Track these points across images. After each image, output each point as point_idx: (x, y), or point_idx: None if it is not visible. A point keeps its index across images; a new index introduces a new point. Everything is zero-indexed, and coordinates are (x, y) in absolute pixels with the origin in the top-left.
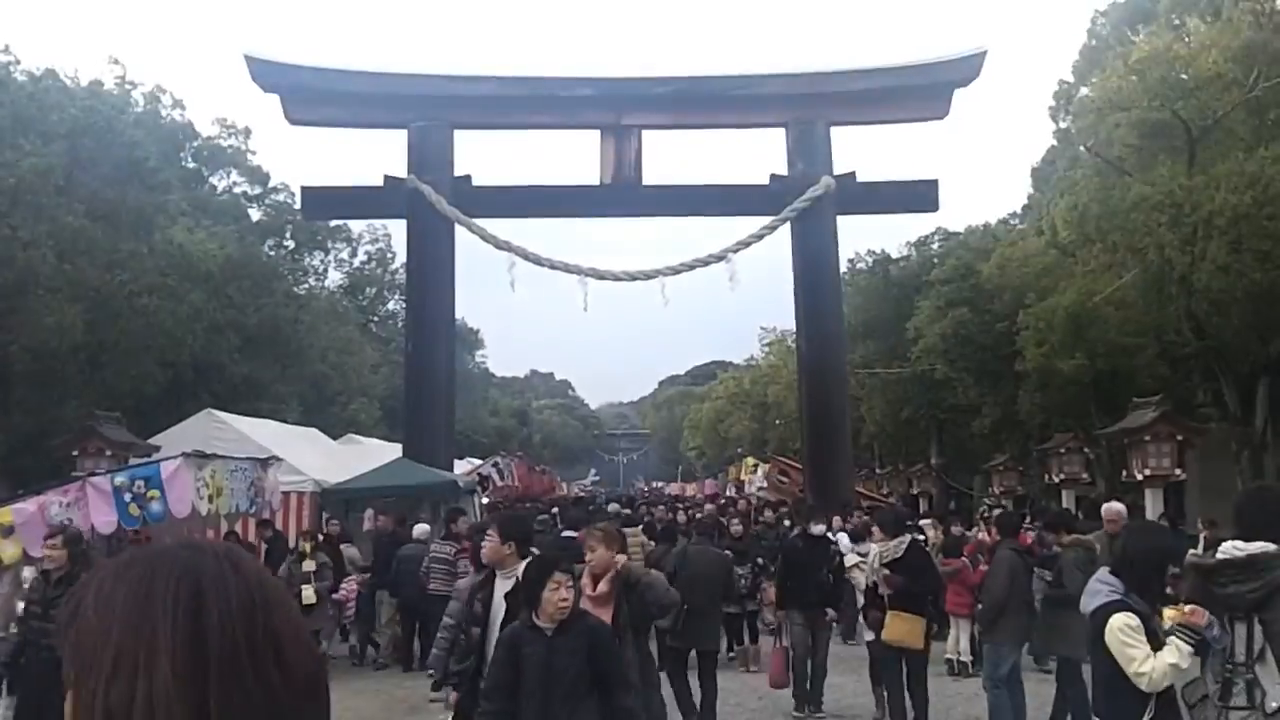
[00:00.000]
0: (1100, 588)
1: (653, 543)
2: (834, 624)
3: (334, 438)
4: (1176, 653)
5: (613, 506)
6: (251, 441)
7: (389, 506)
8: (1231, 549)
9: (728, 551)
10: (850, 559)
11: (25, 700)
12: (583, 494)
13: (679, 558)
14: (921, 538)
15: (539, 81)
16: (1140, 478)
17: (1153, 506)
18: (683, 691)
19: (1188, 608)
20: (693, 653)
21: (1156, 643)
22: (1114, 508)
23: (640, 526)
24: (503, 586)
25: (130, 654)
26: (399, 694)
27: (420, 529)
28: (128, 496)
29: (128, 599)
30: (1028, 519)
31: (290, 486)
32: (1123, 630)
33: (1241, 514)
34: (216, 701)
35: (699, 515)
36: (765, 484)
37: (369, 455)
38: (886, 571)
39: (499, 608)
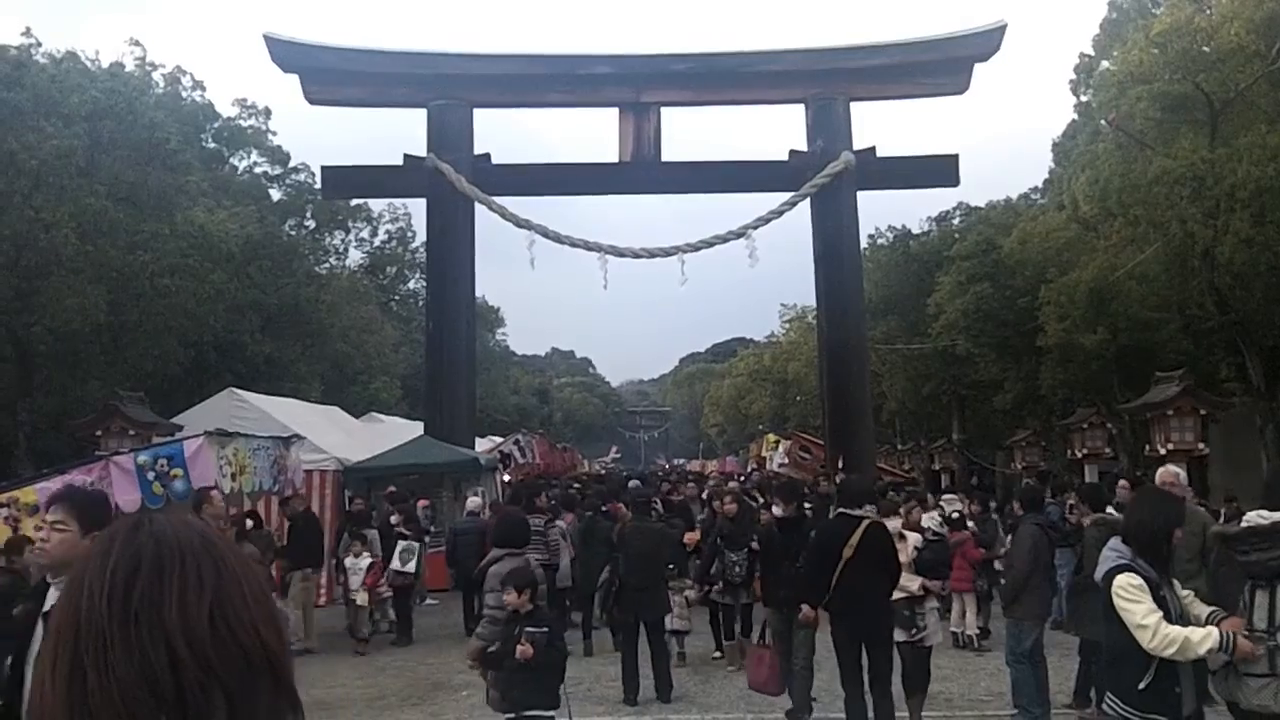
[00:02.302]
0: (1110, 554)
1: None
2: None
3: (356, 416)
4: (1204, 638)
5: (633, 483)
6: (273, 420)
7: (411, 485)
8: (1256, 517)
9: (674, 526)
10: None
11: None
12: (604, 471)
13: (619, 537)
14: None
15: (558, 59)
16: (1163, 452)
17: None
18: (629, 664)
19: (1243, 643)
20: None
21: (1165, 609)
22: (1170, 470)
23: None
24: (52, 599)
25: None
26: (421, 670)
27: (474, 502)
28: (151, 475)
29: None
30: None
31: (313, 465)
32: (1125, 589)
33: (1271, 485)
34: (89, 671)
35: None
36: (786, 460)
37: (390, 433)
38: None
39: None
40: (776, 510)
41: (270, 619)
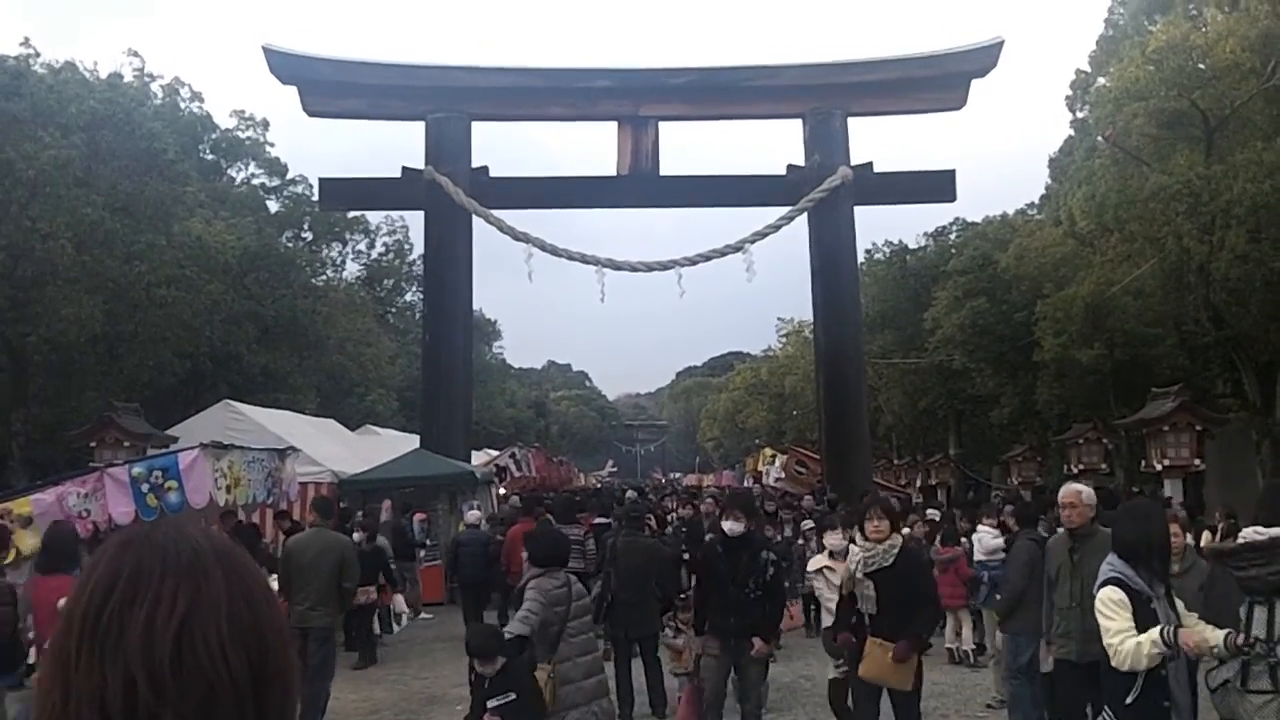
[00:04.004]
0: (1104, 568)
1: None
2: (769, 657)
3: (351, 428)
4: (1150, 644)
5: (630, 494)
6: (269, 432)
7: (407, 498)
8: (1252, 533)
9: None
10: (815, 561)
11: None
12: (600, 485)
13: (610, 552)
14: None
15: (556, 73)
16: (1159, 468)
17: (1172, 497)
18: (623, 680)
19: (1186, 632)
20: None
21: (1155, 621)
22: (1072, 489)
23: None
24: None
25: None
26: (415, 685)
27: (473, 515)
28: (145, 487)
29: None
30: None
31: (308, 477)
32: (1104, 602)
33: (1264, 502)
34: (55, 689)
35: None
36: (783, 474)
37: (386, 446)
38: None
39: None
40: (729, 525)
41: (254, 643)
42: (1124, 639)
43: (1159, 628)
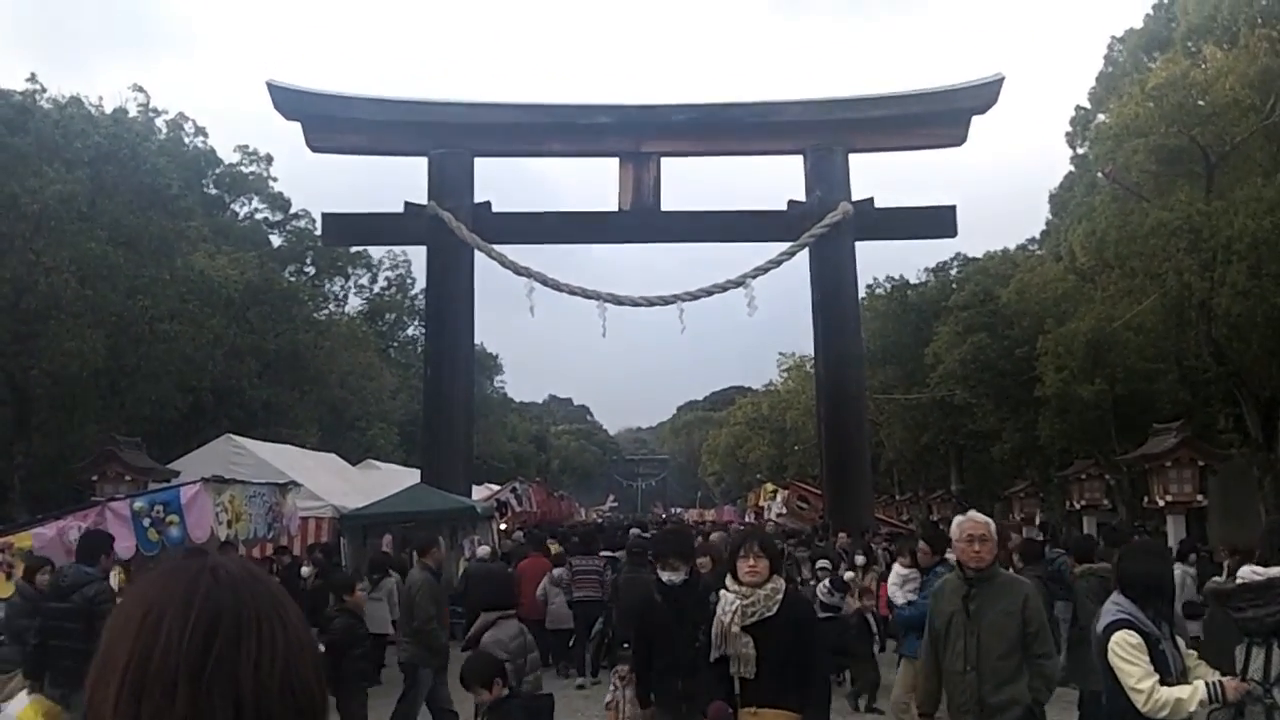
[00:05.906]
0: (1110, 608)
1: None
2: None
3: (352, 463)
4: (1192, 694)
5: (634, 532)
6: (270, 467)
7: (407, 533)
8: (1250, 573)
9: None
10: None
11: None
12: (601, 520)
13: (612, 589)
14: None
15: (559, 109)
16: (1161, 504)
17: (1174, 533)
18: None
19: (1230, 683)
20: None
21: (1165, 664)
22: (977, 520)
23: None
24: None
25: (105, 663)
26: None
27: (484, 550)
28: (146, 521)
29: (119, 611)
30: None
31: (309, 512)
32: (1121, 646)
33: (1264, 540)
34: (175, 709)
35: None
36: (784, 510)
37: (387, 481)
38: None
39: None
40: (667, 575)
41: (322, 677)
42: (1155, 686)
43: (1205, 681)
